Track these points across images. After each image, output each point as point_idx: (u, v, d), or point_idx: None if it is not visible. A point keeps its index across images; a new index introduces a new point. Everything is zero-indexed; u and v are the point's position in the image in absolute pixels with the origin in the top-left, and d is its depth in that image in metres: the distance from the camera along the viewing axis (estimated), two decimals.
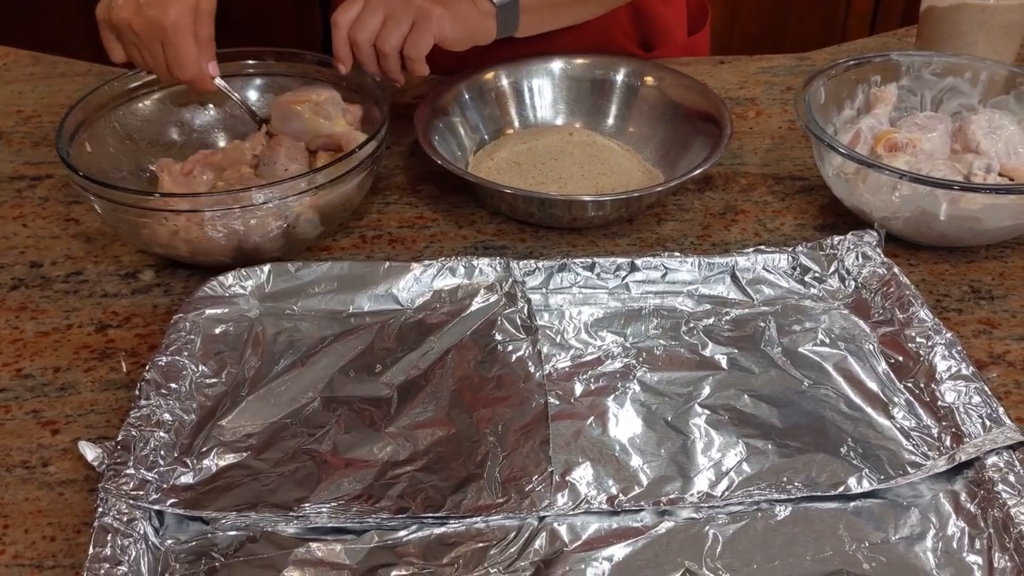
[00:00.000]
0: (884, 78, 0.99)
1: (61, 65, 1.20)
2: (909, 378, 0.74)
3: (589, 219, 0.91)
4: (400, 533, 0.64)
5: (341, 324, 0.80)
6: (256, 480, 0.66)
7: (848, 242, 0.84)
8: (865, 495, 0.66)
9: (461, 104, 1.01)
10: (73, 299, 0.84)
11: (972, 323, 0.82)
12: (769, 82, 1.18)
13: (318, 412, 0.72)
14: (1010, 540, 0.61)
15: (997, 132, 0.91)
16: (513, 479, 0.66)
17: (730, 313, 0.81)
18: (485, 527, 0.64)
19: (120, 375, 0.77)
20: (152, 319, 0.82)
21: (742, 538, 0.64)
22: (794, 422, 0.71)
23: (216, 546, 0.63)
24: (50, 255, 0.89)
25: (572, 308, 0.82)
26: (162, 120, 0.97)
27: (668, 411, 0.72)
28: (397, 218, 0.95)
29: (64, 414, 0.73)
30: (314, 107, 0.91)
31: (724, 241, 0.91)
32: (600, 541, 0.63)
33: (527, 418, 0.71)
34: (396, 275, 0.82)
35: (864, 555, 0.62)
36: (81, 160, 0.87)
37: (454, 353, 0.77)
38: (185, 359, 0.74)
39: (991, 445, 0.66)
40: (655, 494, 0.66)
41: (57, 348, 0.79)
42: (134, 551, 0.60)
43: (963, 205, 0.83)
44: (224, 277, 0.81)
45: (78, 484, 0.68)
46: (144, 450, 0.66)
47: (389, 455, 0.68)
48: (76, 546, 0.64)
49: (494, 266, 0.82)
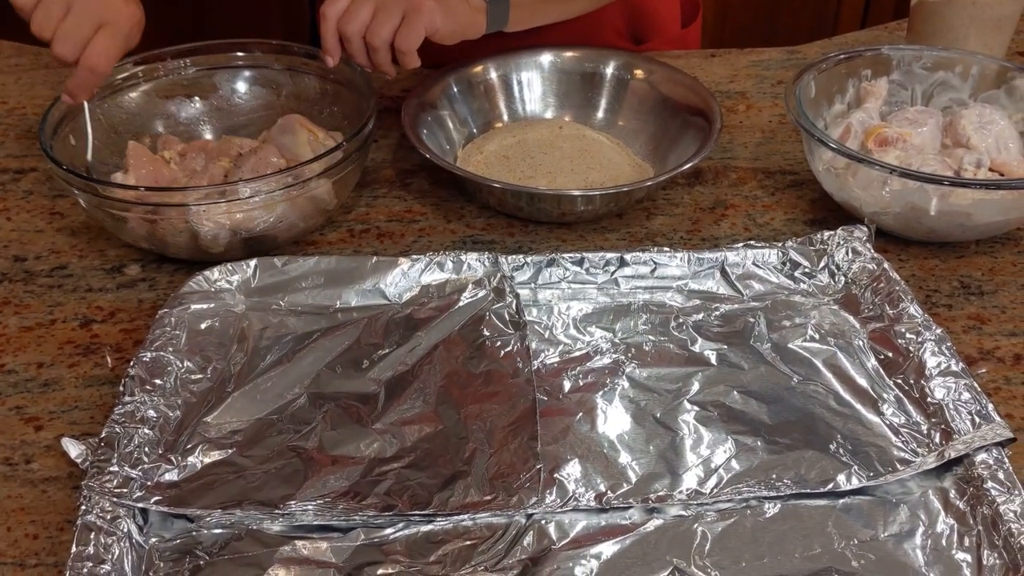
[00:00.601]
0: (875, 72, 0.98)
1: (45, 56, 1.19)
2: (899, 374, 0.74)
3: (578, 213, 0.91)
4: (387, 531, 0.64)
5: (328, 319, 0.79)
6: (241, 477, 0.66)
7: (838, 237, 0.84)
8: (854, 492, 0.66)
9: (450, 97, 1.01)
10: (57, 294, 0.83)
11: (962, 319, 0.81)
12: (760, 76, 1.17)
13: (304, 408, 0.71)
14: (999, 537, 0.61)
15: (987, 127, 0.90)
16: (501, 476, 0.66)
17: (719, 309, 0.81)
18: (472, 525, 0.64)
19: (105, 371, 0.76)
20: (137, 314, 0.81)
21: (731, 535, 0.63)
22: (783, 418, 0.71)
23: (201, 544, 0.62)
24: (34, 249, 0.88)
25: (561, 303, 0.81)
26: (147, 113, 0.96)
27: (657, 407, 0.72)
28: (386, 212, 0.94)
29: (48, 410, 0.73)
30: (313, 140, 0.90)
31: (714, 236, 0.91)
32: (588, 539, 0.63)
33: (515, 414, 0.70)
34: (384, 270, 0.81)
35: (853, 552, 0.62)
36: (65, 153, 0.86)
37: (442, 349, 0.76)
38: (170, 355, 0.73)
39: (980, 442, 0.66)
40: (644, 491, 0.65)
41: (41, 343, 0.78)
42: (117, 549, 0.60)
43: (953, 201, 0.82)
44: (210, 272, 0.80)
45: (61, 481, 0.67)
46: (128, 447, 0.65)
47: (376, 452, 0.68)
48: (59, 544, 0.63)
49: (482, 261, 0.82)
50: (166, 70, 0.96)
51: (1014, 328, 0.80)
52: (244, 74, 0.99)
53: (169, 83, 0.96)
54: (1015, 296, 0.84)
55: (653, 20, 1.18)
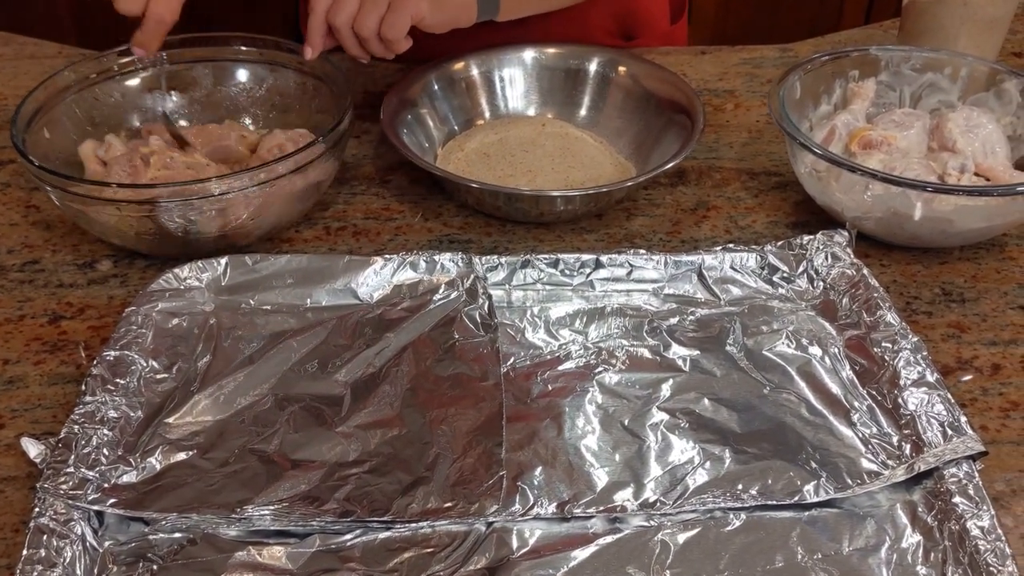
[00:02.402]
0: (862, 73, 0.97)
1: (30, 47, 1.18)
2: (873, 384, 0.72)
3: (557, 213, 0.90)
4: (345, 537, 0.63)
5: (298, 319, 0.78)
6: (200, 480, 0.65)
7: (818, 242, 0.82)
8: (821, 504, 0.65)
9: (430, 94, 0.99)
10: (28, 289, 0.83)
11: (941, 327, 0.80)
12: (750, 74, 1.16)
13: (269, 410, 0.71)
14: (964, 554, 0.60)
15: (975, 131, 0.89)
16: (462, 483, 0.65)
17: (695, 313, 0.80)
18: (431, 532, 0.63)
19: (71, 369, 0.75)
20: (107, 311, 0.81)
21: (693, 547, 0.62)
22: (753, 427, 0.70)
23: (155, 548, 0.61)
24: (7, 243, 0.88)
25: (535, 305, 0.80)
26: (124, 106, 0.95)
27: (625, 414, 0.71)
28: (363, 209, 0.93)
29: (10, 408, 0.72)
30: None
31: (694, 238, 0.89)
32: (548, 548, 0.62)
33: (481, 419, 0.69)
34: (356, 269, 0.80)
35: (816, 566, 0.61)
36: (39, 147, 0.85)
37: (411, 350, 0.75)
38: (135, 354, 0.72)
39: (951, 455, 0.65)
40: (606, 501, 0.64)
41: (8, 339, 0.78)
42: (70, 552, 0.59)
43: (936, 206, 0.81)
44: (180, 269, 0.79)
45: (20, 481, 0.67)
46: (86, 448, 0.65)
47: (338, 456, 0.67)
48: (14, 545, 0.63)
49: (456, 261, 0.81)
50: (144, 63, 0.95)
51: (994, 337, 0.79)
52: (224, 68, 0.98)
53: (147, 76, 0.95)
54: (997, 304, 0.82)
55: (642, 16, 1.16)
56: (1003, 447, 0.70)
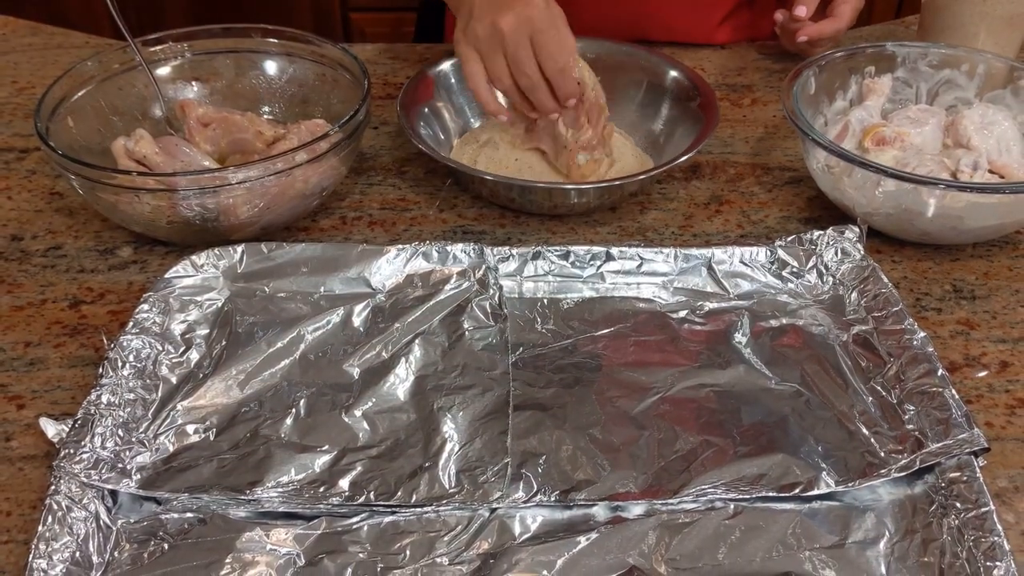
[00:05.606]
0: (879, 69, 0.97)
1: (58, 36, 1.20)
2: (878, 379, 0.73)
3: (571, 206, 0.90)
4: (351, 520, 0.64)
5: (311, 307, 0.80)
6: (211, 462, 0.66)
7: (828, 237, 0.83)
8: (822, 497, 0.65)
9: (447, 87, 1.00)
10: (50, 274, 0.85)
11: (950, 323, 0.80)
12: (768, 69, 1.16)
13: (281, 395, 0.72)
14: (963, 549, 0.60)
15: (990, 128, 0.89)
16: (468, 470, 0.66)
17: (705, 306, 0.80)
18: (436, 517, 0.64)
19: (90, 352, 0.77)
20: (126, 296, 0.82)
21: (693, 536, 0.63)
22: (757, 420, 0.71)
23: (166, 526, 0.63)
24: (31, 229, 0.90)
25: (544, 296, 0.81)
26: (147, 96, 0.96)
27: (631, 405, 0.72)
28: (379, 200, 0.94)
29: (31, 389, 0.74)
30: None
31: (706, 232, 0.90)
32: (549, 535, 0.63)
33: (488, 408, 0.71)
34: (369, 258, 0.82)
35: (814, 558, 0.61)
36: (62, 136, 0.87)
37: (421, 339, 0.76)
38: (151, 338, 0.74)
39: (954, 451, 0.65)
40: (609, 489, 0.65)
41: (30, 323, 0.80)
42: (84, 529, 0.61)
43: (947, 203, 0.81)
44: (197, 256, 0.81)
45: (38, 460, 0.69)
46: (102, 428, 0.66)
47: (347, 441, 0.68)
48: (31, 521, 0.64)
49: (468, 252, 0.82)
50: (166, 54, 0.96)
51: (1003, 335, 0.79)
52: (245, 59, 1.00)
53: (170, 68, 0.97)
54: (1007, 301, 0.82)
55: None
56: (1007, 444, 0.70)
